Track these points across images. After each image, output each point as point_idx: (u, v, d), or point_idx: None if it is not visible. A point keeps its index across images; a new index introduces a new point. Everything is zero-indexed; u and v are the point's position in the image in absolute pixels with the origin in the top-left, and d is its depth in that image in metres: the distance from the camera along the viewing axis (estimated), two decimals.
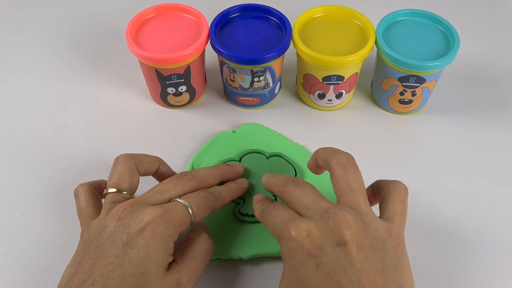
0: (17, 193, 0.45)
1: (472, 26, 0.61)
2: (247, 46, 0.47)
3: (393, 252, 0.31)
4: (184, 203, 0.35)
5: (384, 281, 0.29)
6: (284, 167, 0.45)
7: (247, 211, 0.42)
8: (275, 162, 0.45)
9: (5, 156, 0.48)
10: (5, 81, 0.55)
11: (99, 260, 0.31)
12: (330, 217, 0.31)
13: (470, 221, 0.44)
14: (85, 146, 0.49)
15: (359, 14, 0.49)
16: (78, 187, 0.38)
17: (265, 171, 0.44)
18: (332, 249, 0.30)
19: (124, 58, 0.57)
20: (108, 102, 0.53)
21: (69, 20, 0.63)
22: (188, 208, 0.35)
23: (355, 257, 0.29)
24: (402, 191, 0.35)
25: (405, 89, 0.48)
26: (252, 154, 0.46)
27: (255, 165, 0.45)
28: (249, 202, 0.42)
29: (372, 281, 0.29)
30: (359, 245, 0.30)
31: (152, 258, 0.32)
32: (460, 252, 0.42)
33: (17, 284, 0.39)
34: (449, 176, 0.47)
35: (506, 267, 0.41)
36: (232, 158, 0.45)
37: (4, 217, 0.43)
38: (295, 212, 0.34)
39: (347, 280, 0.29)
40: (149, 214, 0.33)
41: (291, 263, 0.31)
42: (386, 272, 0.30)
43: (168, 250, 0.33)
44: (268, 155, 0.45)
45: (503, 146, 0.49)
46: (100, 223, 0.34)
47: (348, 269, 0.29)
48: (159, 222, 0.33)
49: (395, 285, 0.30)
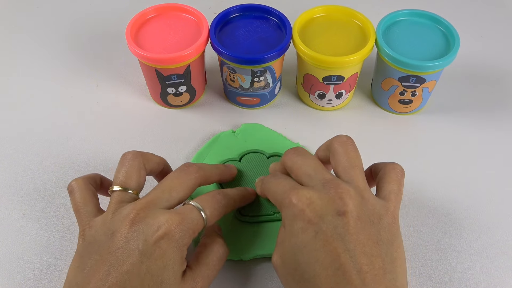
0: (17, 193, 0.45)
1: (472, 26, 0.61)
2: (247, 46, 0.47)
3: (388, 228, 0.32)
4: (197, 207, 0.34)
5: (378, 252, 0.30)
6: None
7: (247, 211, 0.42)
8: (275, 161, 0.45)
9: (5, 156, 0.48)
10: (5, 81, 0.55)
11: (114, 268, 0.30)
12: (332, 187, 0.32)
13: (470, 221, 0.44)
14: (85, 146, 0.49)
15: (359, 14, 0.49)
16: (72, 182, 0.36)
17: (265, 171, 0.44)
18: (332, 218, 0.31)
19: (124, 58, 0.57)
20: (108, 102, 0.53)
21: (69, 20, 0.63)
22: (201, 212, 0.34)
23: (352, 227, 0.31)
24: (398, 172, 0.35)
25: (405, 89, 0.48)
26: (252, 154, 0.46)
27: (255, 165, 0.45)
28: (250, 203, 0.42)
29: (367, 251, 0.30)
30: (358, 217, 0.31)
31: (169, 268, 0.31)
32: (460, 252, 0.42)
33: (17, 284, 0.39)
34: (449, 176, 0.47)
35: (506, 267, 0.41)
36: (232, 158, 0.45)
37: (4, 217, 0.43)
38: (295, 181, 0.35)
39: (343, 248, 0.30)
40: (166, 222, 0.32)
41: (291, 229, 0.32)
42: (381, 245, 0.31)
43: (183, 258, 0.33)
44: (268, 155, 0.45)
45: (503, 146, 0.49)
46: (107, 225, 0.33)
47: (345, 238, 0.30)
48: (176, 231, 0.32)
49: (388, 258, 0.31)
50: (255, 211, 0.42)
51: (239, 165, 0.45)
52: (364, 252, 0.30)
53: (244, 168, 0.44)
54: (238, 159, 0.45)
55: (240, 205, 0.40)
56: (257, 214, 0.41)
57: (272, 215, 0.41)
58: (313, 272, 0.30)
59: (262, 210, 0.42)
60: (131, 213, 0.32)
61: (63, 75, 0.56)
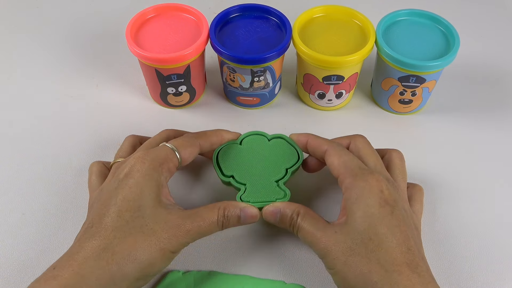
0: (17, 193, 0.45)
1: (472, 26, 0.61)
2: (247, 46, 0.47)
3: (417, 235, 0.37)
4: (167, 145, 0.38)
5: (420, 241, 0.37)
6: (287, 149, 0.43)
7: (249, 198, 0.40)
8: (278, 144, 0.43)
9: (5, 156, 0.48)
10: (5, 81, 0.55)
11: (96, 204, 0.36)
12: (394, 187, 0.37)
13: (470, 221, 0.44)
14: (85, 146, 0.49)
15: (359, 14, 0.49)
16: (93, 163, 0.42)
17: (267, 154, 0.43)
18: (401, 207, 0.35)
19: (124, 58, 0.57)
20: (108, 102, 0.53)
21: (69, 20, 0.63)
22: (171, 147, 0.38)
23: (410, 222, 0.36)
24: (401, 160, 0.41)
25: (405, 89, 0.48)
26: (254, 136, 0.44)
27: (256, 148, 0.43)
28: (251, 188, 0.40)
29: (418, 242, 0.35)
30: (409, 216, 0.36)
31: (146, 194, 0.35)
32: (460, 252, 0.42)
33: (17, 284, 0.39)
34: (449, 176, 0.47)
35: (506, 267, 0.41)
36: (232, 142, 0.43)
37: (4, 217, 0.43)
38: None
39: (410, 234, 0.34)
40: (132, 158, 0.37)
41: (367, 201, 0.35)
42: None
43: (159, 186, 0.36)
44: (270, 137, 0.44)
45: (503, 146, 0.49)
46: (105, 186, 0.37)
47: (410, 226, 0.35)
48: (143, 161, 0.36)
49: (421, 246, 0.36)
50: (256, 196, 0.40)
51: (240, 148, 0.43)
52: (417, 244, 0.34)
53: (245, 151, 0.43)
54: (238, 143, 0.44)
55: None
56: (259, 201, 0.40)
57: (274, 202, 0.39)
58: (390, 243, 0.33)
59: (263, 195, 0.40)
60: (113, 167, 0.39)
61: (63, 75, 0.56)
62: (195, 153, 0.40)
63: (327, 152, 0.39)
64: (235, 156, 0.42)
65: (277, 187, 0.40)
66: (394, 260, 0.32)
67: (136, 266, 0.32)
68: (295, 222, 0.36)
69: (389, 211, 0.34)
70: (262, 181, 0.41)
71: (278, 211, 0.37)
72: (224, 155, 0.42)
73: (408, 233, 0.34)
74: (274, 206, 0.38)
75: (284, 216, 0.37)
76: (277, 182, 0.41)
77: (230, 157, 0.42)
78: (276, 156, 0.42)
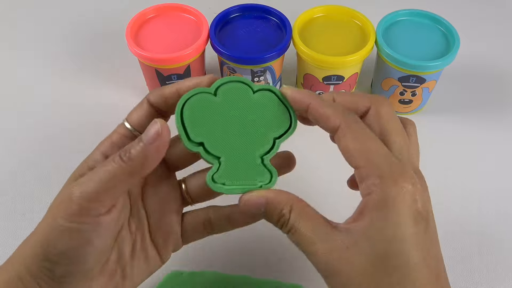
0: (17, 193, 0.45)
1: (472, 26, 0.61)
2: (247, 46, 0.47)
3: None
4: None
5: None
6: (277, 109, 0.30)
7: (223, 179, 0.29)
8: (265, 101, 0.30)
9: (5, 156, 0.48)
10: (5, 81, 0.55)
11: None
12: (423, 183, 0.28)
13: (470, 220, 0.44)
14: (85, 146, 0.49)
15: (359, 14, 0.49)
16: None
17: (250, 113, 0.30)
18: (431, 209, 0.28)
19: (124, 58, 0.57)
20: (108, 102, 0.53)
21: (69, 20, 0.63)
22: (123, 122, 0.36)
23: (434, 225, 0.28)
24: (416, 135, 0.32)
25: (405, 89, 0.48)
26: (234, 84, 0.30)
27: (236, 103, 0.30)
28: (227, 164, 0.29)
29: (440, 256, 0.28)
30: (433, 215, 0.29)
31: None
32: (460, 252, 0.42)
33: None
34: (449, 176, 0.47)
35: (506, 266, 0.41)
36: (204, 89, 0.30)
37: (4, 217, 0.43)
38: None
39: (441, 255, 0.28)
40: None
41: (400, 218, 0.26)
42: None
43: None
44: (256, 88, 0.31)
45: (503, 146, 0.49)
46: None
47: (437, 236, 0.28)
48: None
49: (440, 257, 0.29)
50: (234, 177, 0.29)
51: (214, 100, 0.30)
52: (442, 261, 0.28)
53: (221, 107, 0.30)
54: (212, 92, 0.30)
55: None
56: (237, 184, 0.29)
57: (258, 187, 0.29)
58: (420, 274, 0.26)
59: (243, 176, 0.30)
60: None
61: (63, 75, 0.56)
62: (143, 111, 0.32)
63: (340, 130, 0.28)
64: (207, 112, 0.30)
65: (261, 164, 0.30)
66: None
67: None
68: (286, 220, 0.28)
69: (423, 228, 0.26)
70: (243, 154, 0.30)
71: (263, 202, 0.28)
72: (192, 110, 0.29)
73: (439, 255, 0.28)
74: (259, 195, 0.28)
75: (271, 209, 0.28)
76: (261, 157, 0.30)
77: (200, 113, 0.30)
78: (263, 118, 0.30)
